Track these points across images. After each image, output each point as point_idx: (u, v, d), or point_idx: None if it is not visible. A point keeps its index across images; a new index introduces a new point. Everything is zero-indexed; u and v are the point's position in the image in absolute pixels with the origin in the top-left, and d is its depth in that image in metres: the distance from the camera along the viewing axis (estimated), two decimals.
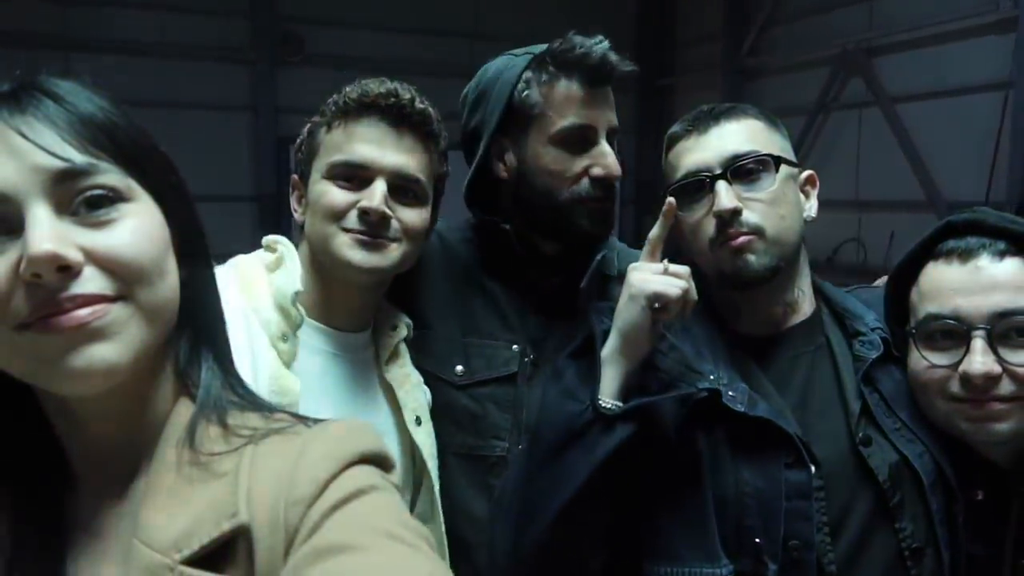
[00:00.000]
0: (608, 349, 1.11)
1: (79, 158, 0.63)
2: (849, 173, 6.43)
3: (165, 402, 0.72)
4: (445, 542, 1.35)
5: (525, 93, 1.37)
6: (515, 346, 1.42)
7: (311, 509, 0.63)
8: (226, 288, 1.14)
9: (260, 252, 1.34)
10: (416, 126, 1.26)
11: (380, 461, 0.71)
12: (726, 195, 1.17)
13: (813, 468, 1.12)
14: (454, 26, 7.69)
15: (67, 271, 0.61)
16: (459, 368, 1.41)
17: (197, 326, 0.75)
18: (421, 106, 1.27)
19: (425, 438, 1.35)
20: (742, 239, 1.16)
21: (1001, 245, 1.10)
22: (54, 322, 0.61)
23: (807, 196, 1.28)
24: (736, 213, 1.16)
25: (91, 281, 0.62)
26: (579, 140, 1.36)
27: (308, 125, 1.32)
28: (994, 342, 1.06)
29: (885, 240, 5.80)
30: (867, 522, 1.12)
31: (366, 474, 0.67)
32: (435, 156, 1.32)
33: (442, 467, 1.38)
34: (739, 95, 7.61)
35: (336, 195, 1.24)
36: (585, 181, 1.36)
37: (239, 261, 1.30)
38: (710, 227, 1.19)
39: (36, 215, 0.61)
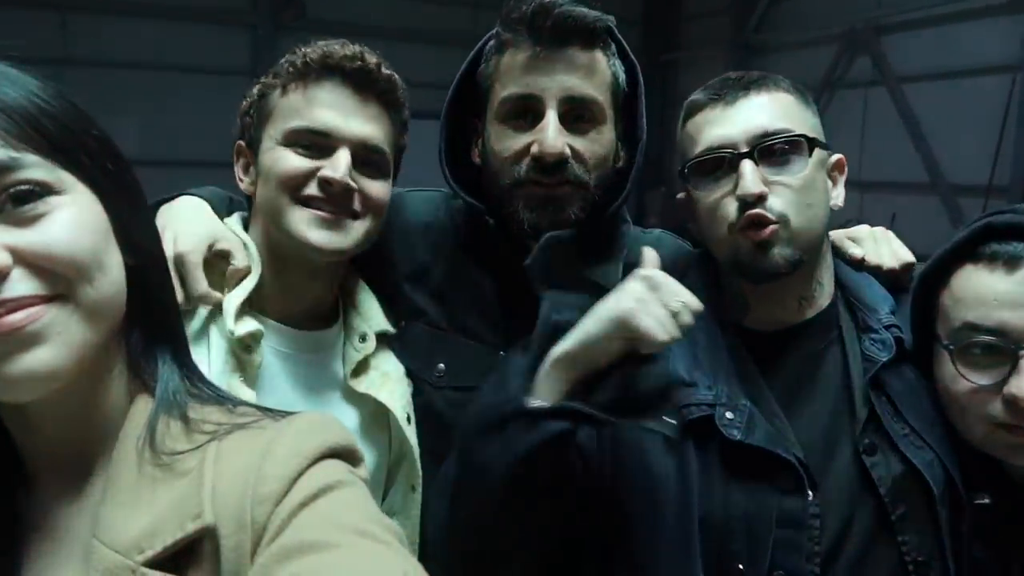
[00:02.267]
0: (560, 350, 0.99)
1: (0, 152, 0.58)
2: (852, 153, 6.36)
3: (120, 399, 0.69)
4: (418, 540, 1.27)
5: (482, 66, 1.23)
6: (501, 352, 1.24)
7: (278, 507, 0.61)
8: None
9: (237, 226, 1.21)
10: (381, 93, 1.16)
11: (347, 455, 0.69)
12: (752, 177, 1.05)
13: (811, 494, 1.04)
14: None
15: None
16: (440, 367, 1.27)
17: (149, 318, 0.71)
18: (387, 72, 1.17)
19: (414, 437, 1.26)
20: (766, 231, 1.05)
21: None
22: None
23: (834, 183, 1.17)
24: (761, 198, 1.05)
25: (21, 283, 0.58)
26: (521, 113, 1.17)
27: (257, 87, 1.19)
28: None
29: (887, 221, 5.78)
30: (868, 536, 1.05)
31: (334, 469, 0.65)
32: (398, 127, 1.21)
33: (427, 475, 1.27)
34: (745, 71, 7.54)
35: (293, 161, 1.12)
36: (525, 161, 1.16)
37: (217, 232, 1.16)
38: (730, 210, 1.07)
39: None
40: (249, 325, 1.11)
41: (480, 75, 1.23)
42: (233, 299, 1.11)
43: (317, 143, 1.13)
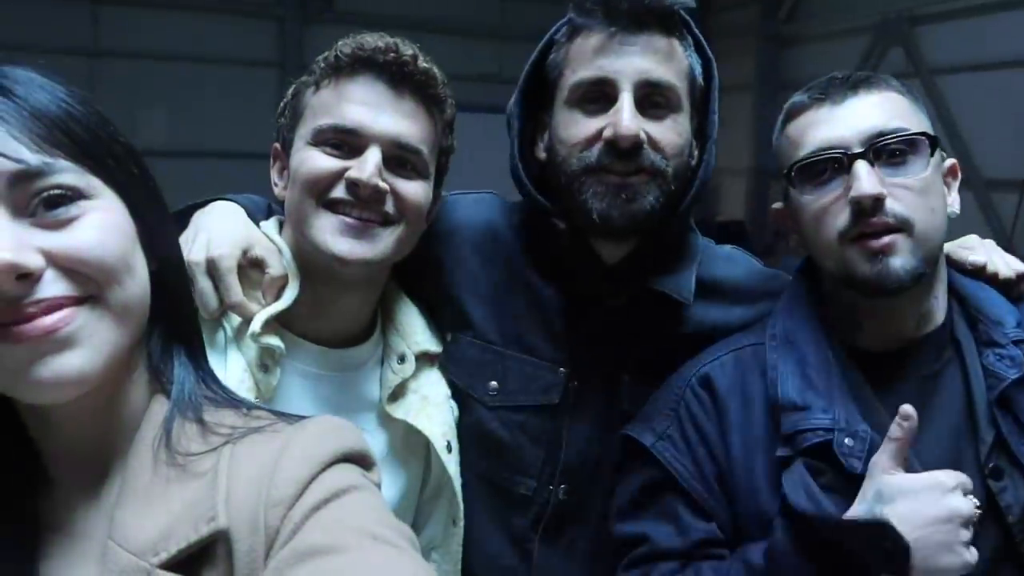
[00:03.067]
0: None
1: (32, 159, 0.59)
2: None
3: (140, 401, 0.69)
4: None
5: (551, 56, 1.16)
6: (561, 369, 1.18)
7: (292, 510, 0.61)
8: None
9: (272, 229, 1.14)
10: (418, 87, 1.07)
11: (360, 459, 0.69)
12: (868, 178, 0.98)
13: None
14: None
15: (27, 278, 0.58)
16: (493, 384, 1.19)
17: (169, 321, 0.72)
18: (425, 65, 1.07)
19: (455, 467, 1.18)
20: (886, 239, 0.99)
21: None
22: (17, 332, 0.58)
23: (949, 188, 1.09)
24: (879, 201, 0.98)
25: (54, 284, 0.59)
26: (593, 98, 1.10)
27: (293, 86, 1.13)
28: None
29: None
30: (992, 562, 0.99)
31: (347, 473, 0.65)
32: (439, 125, 1.11)
33: (465, 491, 1.20)
34: (775, 62, 7.44)
35: (319, 162, 1.04)
36: (597, 147, 1.09)
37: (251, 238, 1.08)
38: (842, 216, 1.01)
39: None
40: (271, 340, 1.04)
41: (549, 65, 1.16)
42: (266, 312, 1.04)
43: (347, 142, 1.05)
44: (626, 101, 1.08)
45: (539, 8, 1.25)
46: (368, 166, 1.03)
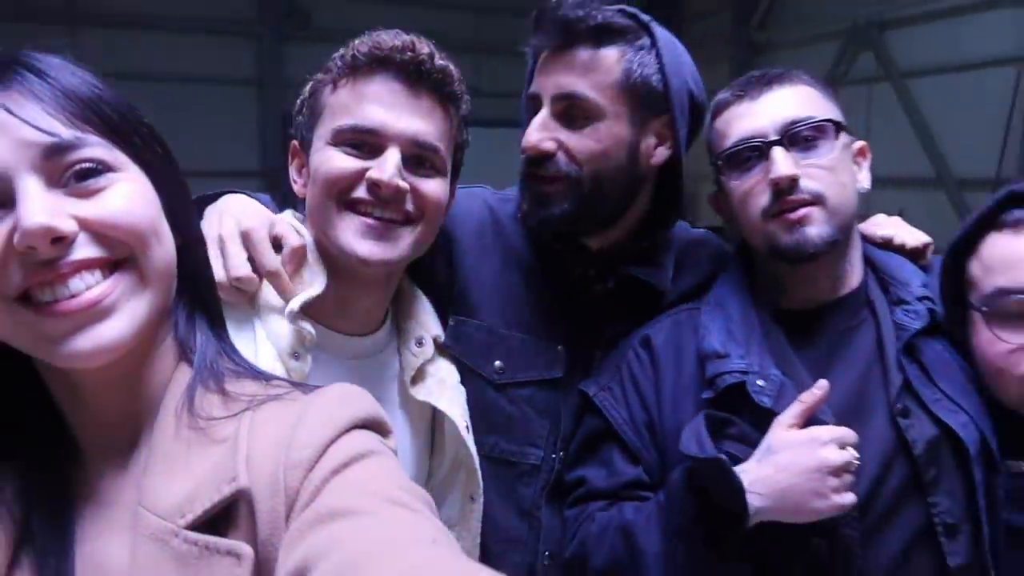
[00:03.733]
0: (760, 504, 1.06)
1: (66, 132, 0.63)
2: None
3: (166, 371, 0.72)
4: (478, 552, 1.23)
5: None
6: (560, 347, 1.27)
7: (311, 473, 0.64)
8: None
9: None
10: (436, 86, 1.08)
11: (377, 426, 0.71)
12: (783, 161, 1.12)
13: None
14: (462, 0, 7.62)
15: (61, 241, 0.62)
16: (498, 364, 1.26)
17: (192, 293, 0.75)
18: (442, 63, 1.08)
19: (473, 444, 1.21)
20: (801, 211, 1.12)
21: None
22: (59, 308, 0.62)
23: (859, 167, 1.24)
24: (794, 181, 1.12)
25: (86, 248, 0.63)
26: (531, 110, 1.21)
27: (310, 83, 1.13)
28: None
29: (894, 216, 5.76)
30: (896, 497, 1.10)
31: (364, 439, 0.68)
32: (456, 121, 1.13)
33: None
34: (747, 69, 7.51)
35: (340, 162, 1.05)
36: (524, 157, 1.21)
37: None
38: (764, 196, 1.14)
39: (27, 189, 0.61)
40: (304, 324, 1.04)
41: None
42: (304, 295, 1.05)
43: (367, 142, 1.05)
44: (539, 116, 1.19)
45: (515, 22, 1.30)
46: (389, 167, 1.03)
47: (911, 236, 1.32)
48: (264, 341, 1.04)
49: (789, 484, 1.04)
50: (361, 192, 1.05)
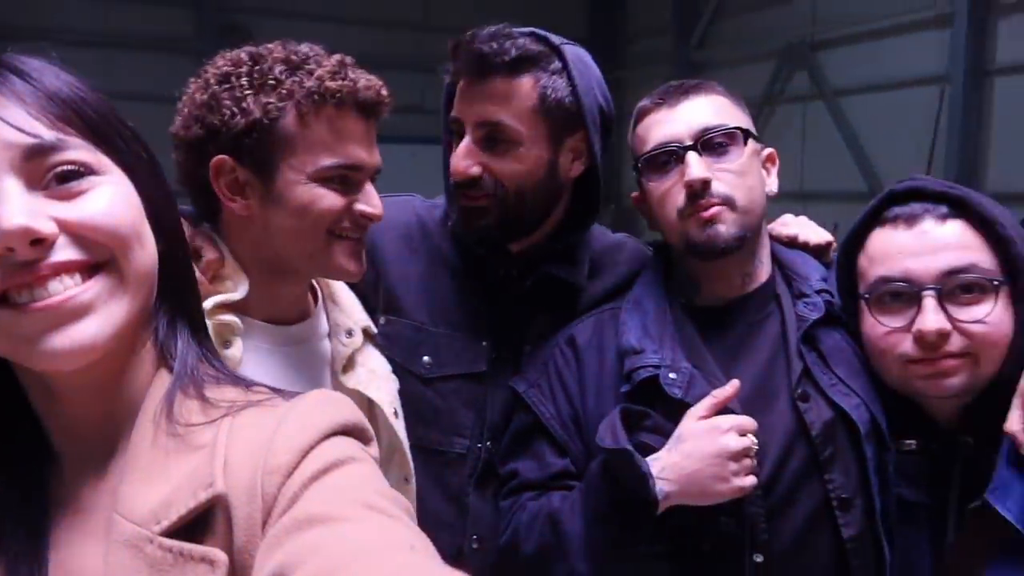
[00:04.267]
0: (668, 489, 1.13)
1: (47, 134, 0.63)
2: (794, 165, 6.56)
3: (145, 376, 0.71)
4: None
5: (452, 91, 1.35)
6: (484, 342, 1.36)
7: (289, 479, 0.63)
8: None
9: None
10: (379, 117, 1.17)
11: (358, 433, 0.70)
12: (697, 165, 1.19)
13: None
14: (402, 18, 7.65)
15: (41, 243, 0.60)
16: (426, 359, 1.35)
17: (174, 298, 0.74)
18: (385, 94, 1.17)
19: (403, 430, 1.28)
20: (713, 210, 1.19)
21: (943, 209, 1.14)
22: (36, 305, 0.61)
23: (768, 172, 1.32)
24: (706, 184, 1.19)
25: (66, 250, 0.62)
26: (457, 134, 1.31)
27: (265, 105, 1.11)
28: (943, 300, 1.11)
29: (829, 230, 5.93)
30: (798, 477, 1.18)
31: (345, 445, 0.67)
32: None
33: None
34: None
35: (332, 200, 1.12)
36: (453, 176, 1.31)
37: None
38: (679, 197, 1.21)
39: (7, 190, 0.60)
40: (223, 316, 1.09)
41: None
42: (217, 297, 1.10)
43: (350, 178, 1.13)
44: (464, 144, 1.28)
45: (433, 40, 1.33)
46: (376, 200, 1.15)
47: (815, 234, 1.42)
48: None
49: (693, 470, 1.11)
50: (347, 223, 1.14)
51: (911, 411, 1.20)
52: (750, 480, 1.11)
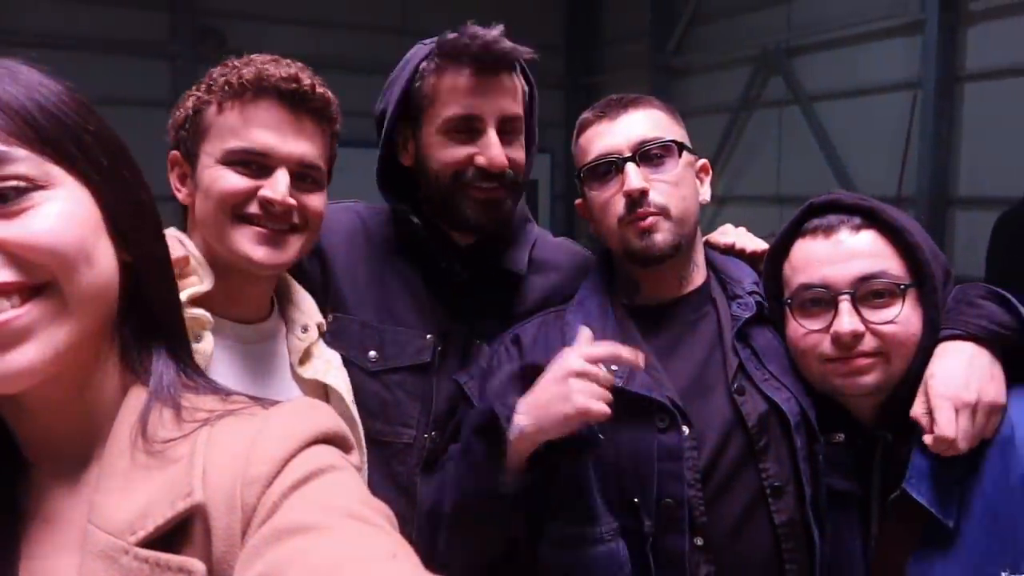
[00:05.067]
0: (520, 428, 1.16)
1: None
2: (770, 168, 6.62)
3: (113, 390, 0.69)
4: None
5: (419, 83, 1.39)
6: (428, 335, 1.44)
7: (269, 489, 0.62)
8: None
9: None
10: (315, 112, 1.21)
11: (339, 441, 0.70)
12: (635, 176, 1.28)
13: (687, 430, 1.25)
14: (381, 21, 7.61)
15: None
16: (372, 354, 1.42)
17: (144, 312, 0.72)
18: (321, 90, 1.22)
19: (358, 415, 1.34)
20: (650, 219, 1.28)
21: (857, 220, 1.24)
22: None
23: (701, 182, 1.41)
24: (644, 193, 1.28)
25: (3, 270, 0.60)
26: (464, 129, 1.37)
27: (192, 99, 1.22)
28: (857, 304, 1.20)
29: None
30: (735, 465, 1.26)
31: (325, 453, 0.66)
32: (331, 139, 1.27)
33: None
34: (667, 92, 7.75)
35: (233, 181, 1.16)
36: (471, 170, 1.37)
37: None
38: (619, 206, 1.30)
39: None
40: (194, 310, 1.13)
41: (415, 91, 1.40)
42: (189, 290, 1.15)
43: (256, 162, 1.17)
44: (492, 136, 1.36)
45: (411, 44, 1.40)
46: (280, 186, 1.16)
47: (751, 242, 1.53)
48: None
49: (543, 397, 1.16)
50: (253, 208, 1.17)
51: (839, 406, 1.29)
52: (598, 406, 1.13)
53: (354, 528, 0.60)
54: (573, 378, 1.14)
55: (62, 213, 0.62)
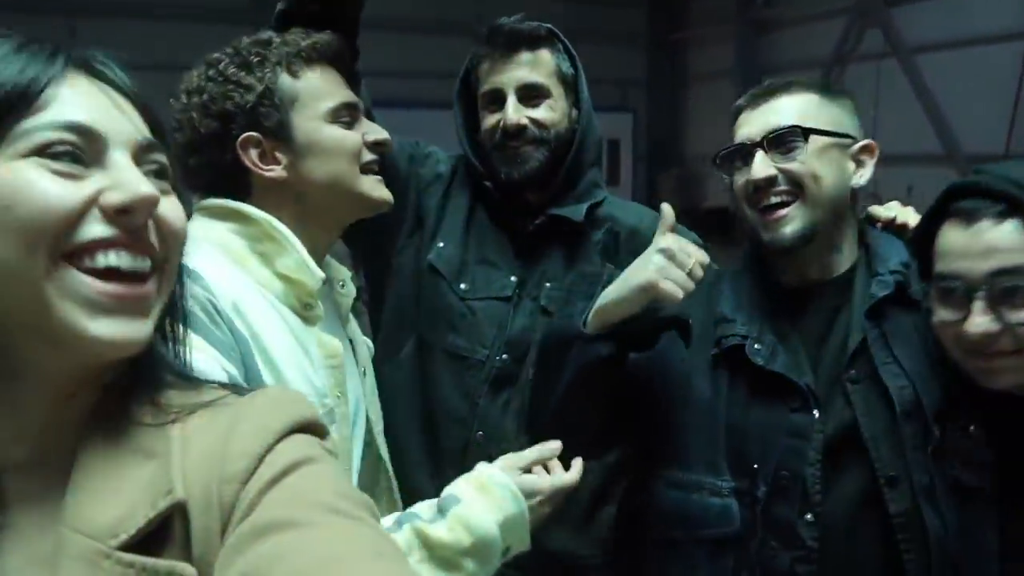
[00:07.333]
0: (600, 304, 1.26)
1: (148, 133, 0.67)
2: (866, 126, 6.19)
3: (97, 389, 0.68)
4: (395, 486, 1.42)
5: (472, 74, 1.73)
6: (512, 276, 1.69)
7: (247, 485, 0.61)
8: (219, 265, 1.14)
9: (214, 223, 1.22)
10: (347, 70, 1.36)
11: (314, 429, 0.68)
12: (760, 163, 1.28)
13: (816, 414, 1.26)
14: None
15: (149, 219, 0.64)
16: (463, 287, 1.68)
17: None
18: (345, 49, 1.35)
19: (371, 392, 1.41)
20: (780, 212, 1.28)
21: (1001, 207, 1.14)
22: (118, 293, 0.61)
23: (860, 164, 1.37)
24: (771, 181, 1.28)
25: (152, 235, 0.65)
26: (493, 100, 1.68)
27: (260, 76, 1.24)
28: (994, 301, 1.13)
29: (903, 194, 5.68)
30: (847, 454, 1.25)
31: (302, 445, 0.65)
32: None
33: (431, 363, 1.66)
34: (753, 48, 7.48)
35: (353, 135, 1.28)
36: (498, 133, 1.66)
37: (212, 235, 1.20)
38: (749, 193, 1.32)
39: (123, 163, 0.63)
40: (305, 280, 1.21)
41: (471, 79, 1.74)
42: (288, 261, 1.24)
43: (351, 115, 1.29)
44: (510, 102, 1.65)
45: (517, 11, 1.54)
46: (377, 127, 1.33)
47: (913, 217, 1.46)
48: (277, 302, 1.21)
49: (631, 271, 1.24)
50: (368, 156, 1.31)
51: (973, 396, 1.22)
52: (666, 283, 1.18)
53: (336, 524, 0.59)
54: (656, 255, 1.21)
55: (177, 203, 0.69)
